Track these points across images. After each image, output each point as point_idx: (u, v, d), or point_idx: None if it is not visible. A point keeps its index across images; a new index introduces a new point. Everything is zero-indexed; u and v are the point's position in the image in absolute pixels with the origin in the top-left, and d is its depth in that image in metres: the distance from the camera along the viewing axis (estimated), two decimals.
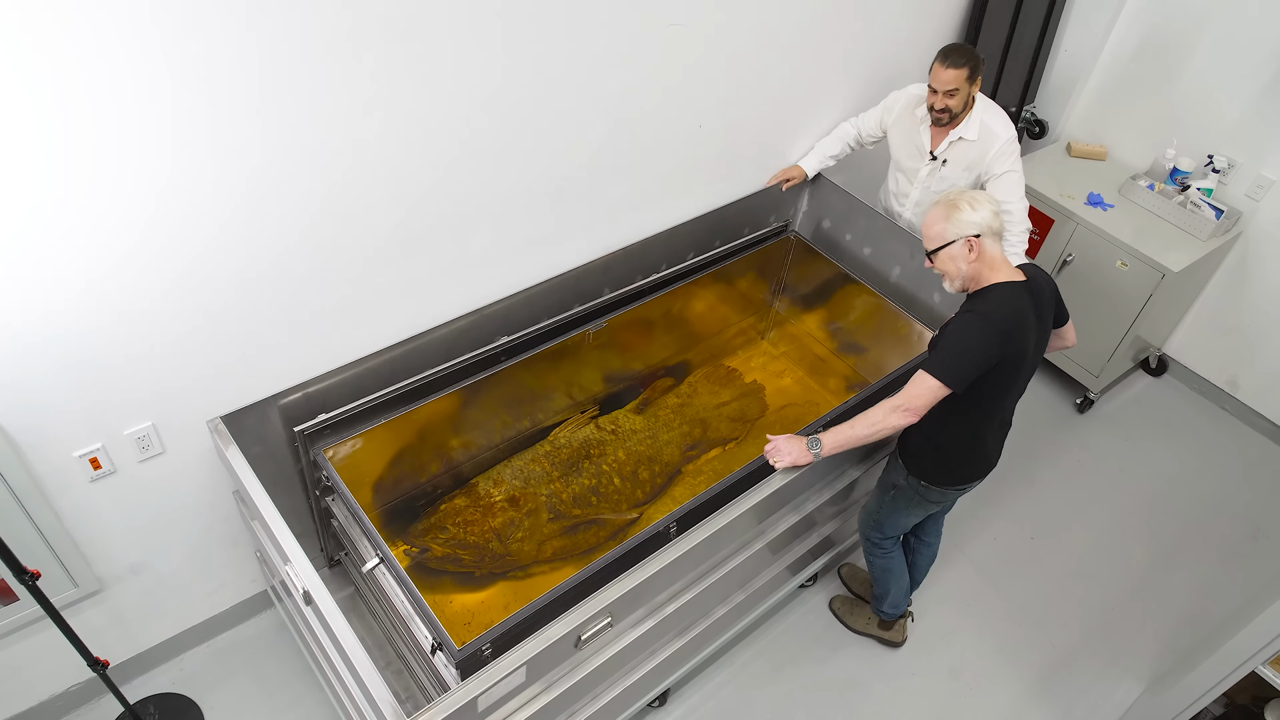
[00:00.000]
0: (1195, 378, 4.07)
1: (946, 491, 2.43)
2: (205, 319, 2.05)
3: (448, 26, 2.00)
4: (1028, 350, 2.16)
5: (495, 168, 2.34)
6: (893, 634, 2.94)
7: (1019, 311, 2.10)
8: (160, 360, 2.05)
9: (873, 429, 2.15)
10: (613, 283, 2.88)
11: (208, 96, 1.74)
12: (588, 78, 2.37)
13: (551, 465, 2.84)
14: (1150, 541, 3.43)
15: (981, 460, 2.40)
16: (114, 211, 1.77)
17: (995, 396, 2.20)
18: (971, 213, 2.10)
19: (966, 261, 2.12)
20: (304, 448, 2.34)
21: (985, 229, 2.10)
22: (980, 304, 2.11)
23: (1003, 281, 2.12)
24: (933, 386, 2.07)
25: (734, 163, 3.01)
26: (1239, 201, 3.61)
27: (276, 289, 2.13)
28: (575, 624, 1.89)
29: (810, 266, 3.32)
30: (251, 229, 1.99)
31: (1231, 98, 3.50)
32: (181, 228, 1.88)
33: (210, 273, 1.99)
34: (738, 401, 3.26)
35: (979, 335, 2.06)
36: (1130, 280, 3.51)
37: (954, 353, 2.07)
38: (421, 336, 2.46)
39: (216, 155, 1.83)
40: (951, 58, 2.65)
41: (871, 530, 2.68)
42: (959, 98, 2.71)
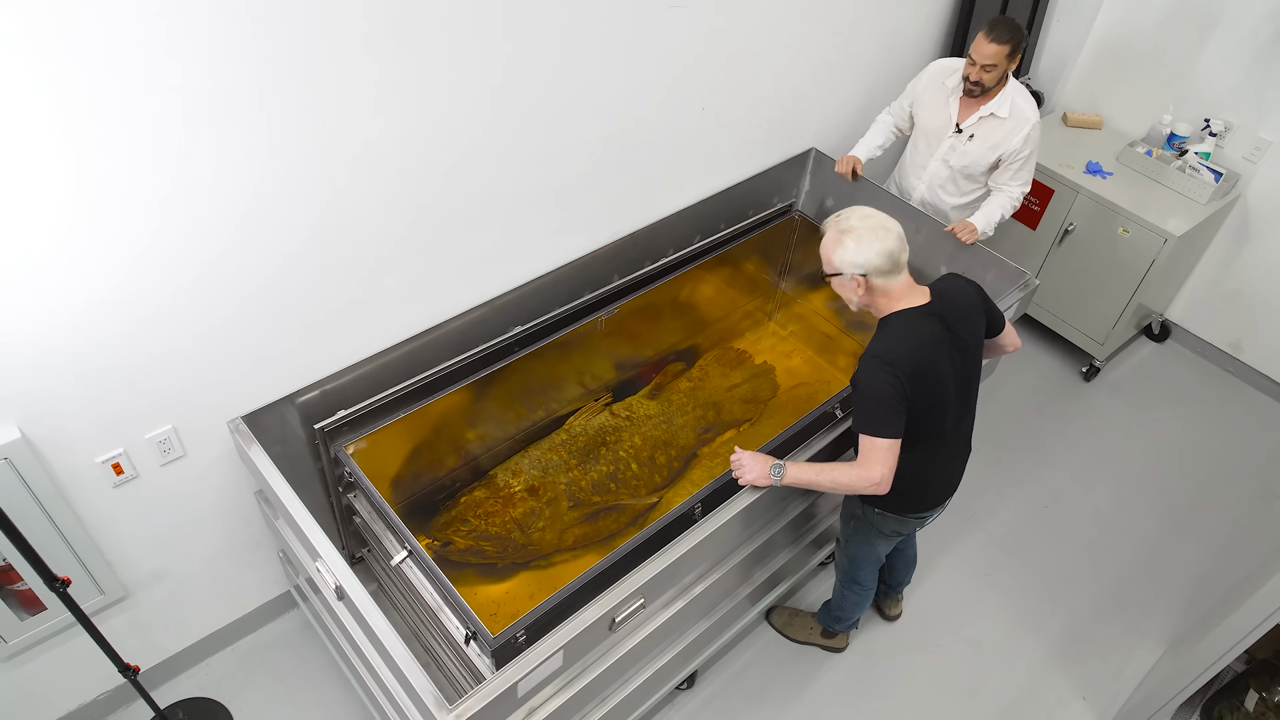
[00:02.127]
0: (1199, 342, 4.09)
1: (905, 520, 2.34)
2: (221, 320, 2.04)
3: (450, 25, 1.99)
4: (943, 373, 2.07)
5: (504, 159, 2.33)
6: (835, 642, 2.87)
7: (921, 336, 2.03)
8: (178, 363, 2.04)
9: (835, 486, 2.07)
10: (622, 269, 2.88)
11: (217, 100, 1.73)
12: (591, 67, 2.36)
13: (569, 454, 2.84)
14: (1162, 506, 3.46)
15: (938, 488, 2.31)
16: (128, 217, 1.75)
17: (931, 425, 2.11)
18: (855, 252, 2.00)
19: (856, 294, 2.08)
20: (324, 445, 2.33)
21: (872, 270, 2.00)
22: (877, 342, 2.07)
23: (902, 310, 2.05)
24: (883, 447, 1.99)
25: (736, 145, 3.01)
26: (1237, 164, 3.63)
27: (291, 288, 2.12)
28: (610, 606, 1.90)
29: (815, 245, 3.30)
30: (264, 229, 1.98)
31: (1226, 61, 3.52)
32: (195, 231, 1.87)
33: (225, 274, 1.98)
34: (749, 383, 3.26)
35: (883, 380, 1.98)
36: (1132, 247, 3.53)
37: (873, 407, 2.00)
38: (436, 330, 2.46)
39: (227, 157, 1.81)
40: (996, 31, 2.64)
41: (845, 562, 2.58)
42: (995, 73, 2.71)
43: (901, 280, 2.06)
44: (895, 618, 2.99)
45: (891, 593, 2.93)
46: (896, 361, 1.99)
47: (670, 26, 2.47)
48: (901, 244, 2.03)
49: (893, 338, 2.05)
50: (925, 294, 2.08)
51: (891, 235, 2.01)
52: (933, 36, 3.46)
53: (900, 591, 2.95)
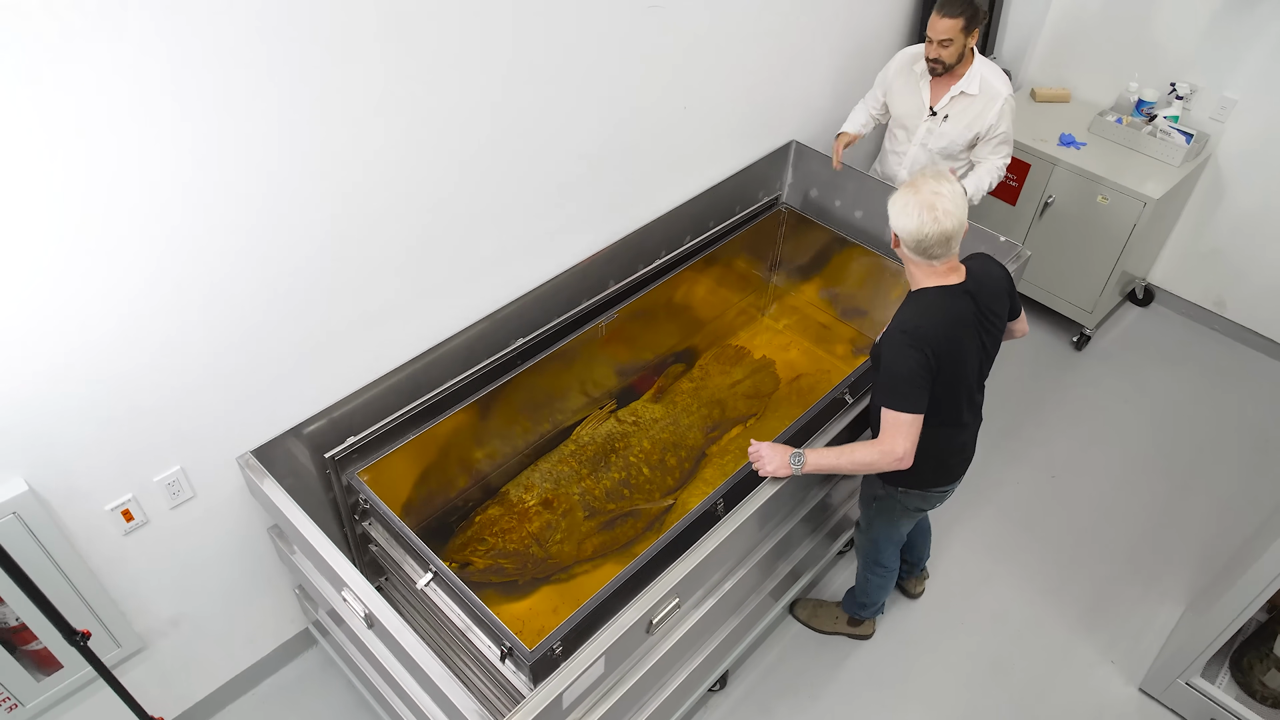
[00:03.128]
0: (1182, 303, 4.15)
1: (928, 495, 2.35)
2: (225, 354, 2.00)
3: (446, 43, 1.98)
4: (964, 353, 2.09)
5: (501, 173, 2.32)
6: (862, 629, 2.87)
7: (950, 314, 2.04)
8: (184, 402, 1.99)
9: (856, 467, 2.10)
10: (617, 274, 2.87)
11: (223, 135, 1.70)
12: (580, 73, 2.36)
13: (579, 463, 2.81)
14: (1166, 466, 3.49)
15: (959, 461, 2.33)
16: (126, 256, 1.71)
17: (948, 400, 2.13)
18: (894, 213, 2.01)
19: (893, 242, 2.07)
20: (335, 474, 2.29)
21: (903, 238, 2.01)
22: (904, 315, 2.07)
23: (936, 286, 2.06)
24: (907, 421, 2.01)
25: (719, 142, 3.02)
26: (1205, 125, 3.69)
27: (294, 316, 2.08)
28: (647, 607, 1.88)
29: (804, 237, 3.33)
30: (262, 259, 1.94)
31: (1184, 24, 3.58)
32: (194, 266, 1.83)
33: (226, 307, 1.94)
34: (751, 378, 3.26)
35: (909, 356, 2.00)
36: (1113, 213, 3.57)
37: (897, 383, 2.02)
38: (439, 348, 2.43)
39: (223, 190, 1.78)
40: (946, 7, 2.68)
41: (867, 548, 2.59)
42: (953, 49, 2.74)
43: (935, 264, 2.03)
44: (919, 595, 2.99)
45: (914, 571, 2.94)
46: (924, 338, 1.99)
47: (650, 28, 2.48)
48: (942, 243, 1.97)
49: (921, 313, 2.04)
50: (962, 274, 2.08)
51: (934, 227, 1.94)
52: (897, 26, 3.50)
53: (923, 567, 2.95)
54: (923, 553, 2.88)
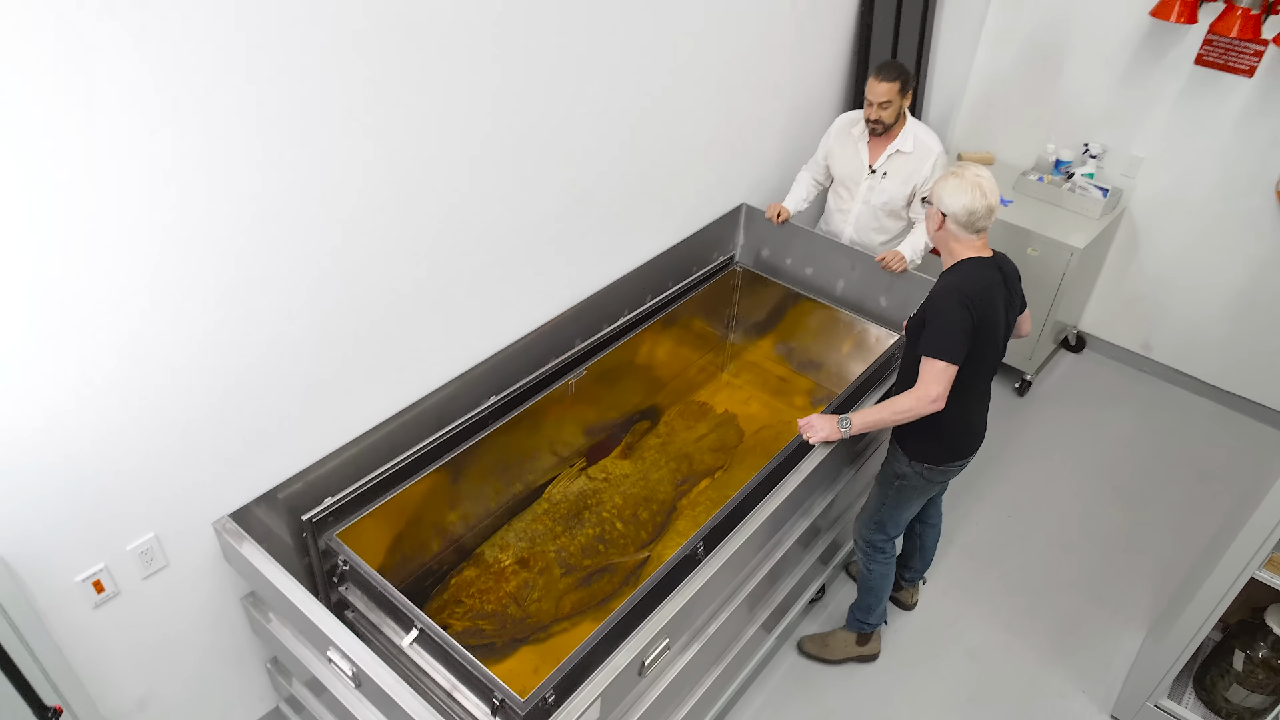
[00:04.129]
0: (1112, 348, 4.39)
1: (948, 469, 2.53)
2: (201, 419, 1.99)
3: (425, 115, 2.07)
4: (998, 319, 2.32)
5: (474, 236, 2.40)
6: (869, 648, 2.95)
7: (987, 280, 2.29)
8: (159, 467, 1.97)
9: (898, 416, 2.29)
10: (583, 332, 2.94)
11: (188, 201, 1.74)
12: (551, 142, 2.49)
13: (553, 521, 2.82)
14: (1114, 500, 3.64)
15: (977, 432, 2.53)
16: (101, 322, 1.72)
17: (978, 365, 2.35)
18: (946, 192, 2.27)
19: (933, 227, 2.34)
20: (313, 537, 2.26)
21: (950, 216, 2.28)
22: (951, 277, 2.31)
23: (973, 257, 2.31)
24: (942, 369, 2.22)
25: (675, 205, 3.15)
26: (1118, 181, 3.99)
27: (267, 379, 2.09)
28: (639, 648, 1.89)
29: (758, 294, 3.46)
30: (238, 324, 1.96)
31: (1094, 91, 3.90)
32: (169, 331, 1.84)
33: (201, 372, 1.94)
34: (715, 432, 3.33)
35: (956, 306, 2.23)
36: (1043, 264, 3.80)
37: (944, 330, 2.23)
38: (413, 408, 2.45)
39: (199, 256, 1.81)
40: (884, 72, 2.91)
41: (874, 533, 2.71)
42: (891, 109, 2.95)
43: (975, 239, 2.32)
44: (914, 606, 3.12)
45: (917, 578, 3.06)
46: (973, 296, 2.24)
47: (610, 101, 2.62)
48: (988, 214, 2.28)
49: (966, 277, 2.29)
50: (990, 252, 2.36)
51: (983, 201, 2.25)
52: (834, 96, 3.74)
53: (924, 575, 3.08)
54: (930, 556, 3.00)
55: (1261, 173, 3.61)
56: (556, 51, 2.37)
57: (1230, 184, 3.71)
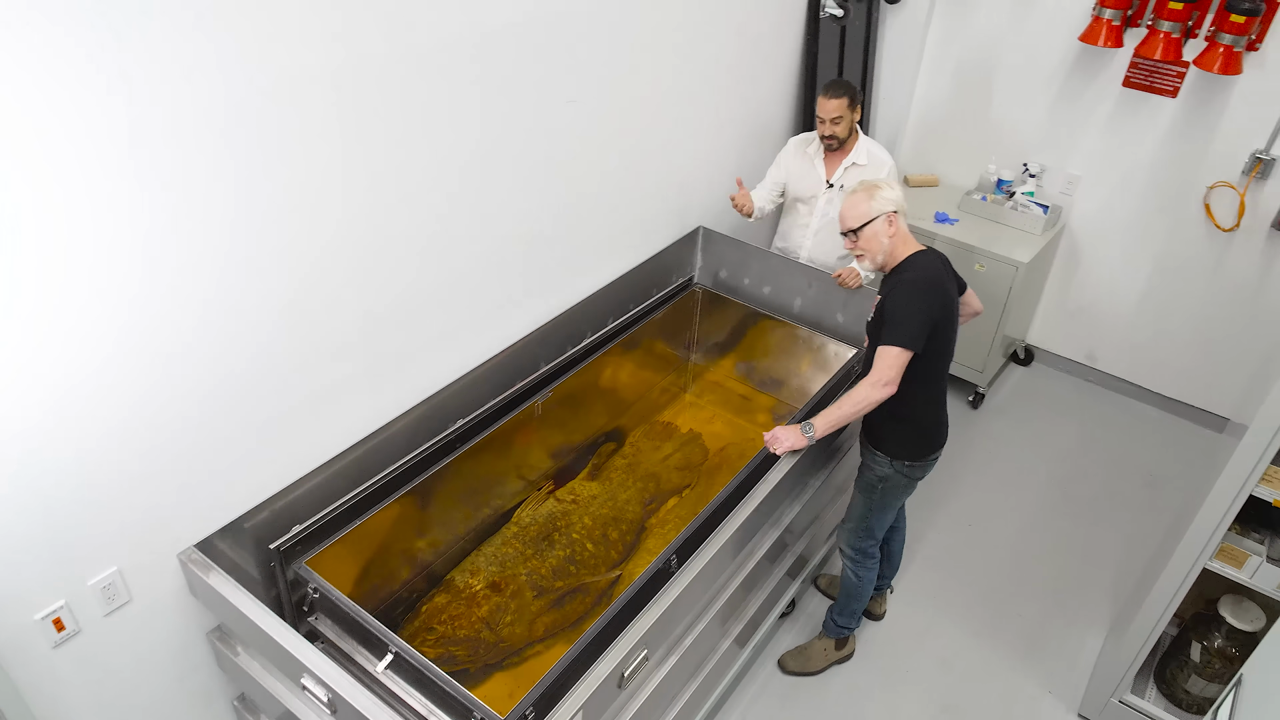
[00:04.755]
0: (1059, 359, 4.53)
1: (927, 463, 2.60)
2: (163, 447, 1.96)
3: (397, 142, 2.10)
4: (954, 308, 2.43)
5: (440, 259, 2.43)
6: (847, 649, 3.02)
7: (938, 266, 2.42)
8: (120, 498, 1.92)
9: (857, 406, 2.34)
10: (548, 354, 2.95)
11: (159, 236, 1.74)
12: (515, 168, 2.53)
13: (523, 544, 2.81)
14: (1069, 506, 3.74)
15: (945, 422, 2.62)
16: (64, 349, 1.70)
17: (941, 354, 2.44)
18: (890, 191, 2.41)
19: (888, 236, 2.40)
20: (281, 566, 2.22)
21: (899, 207, 2.41)
22: (907, 271, 2.40)
23: (916, 250, 2.42)
24: (896, 354, 2.29)
25: (635, 228, 3.20)
26: (1057, 198, 4.15)
27: (232, 406, 2.07)
28: (618, 660, 1.89)
29: (718, 314, 3.52)
30: (202, 351, 1.94)
31: (1030, 113, 4.07)
32: (131, 359, 1.82)
33: (163, 399, 1.91)
34: (680, 451, 3.35)
35: (920, 296, 2.33)
36: (990, 279, 3.92)
37: (904, 318, 2.31)
38: (381, 432, 2.43)
39: (166, 286, 1.80)
40: (832, 89, 3.02)
41: (864, 540, 2.75)
42: (844, 124, 3.06)
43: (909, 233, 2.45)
44: (883, 615, 3.17)
45: (884, 586, 3.10)
46: (933, 284, 2.35)
47: (572, 128, 2.68)
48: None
49: (922, 268, 2.39)
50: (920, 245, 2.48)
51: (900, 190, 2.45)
52: (784, 120, 3.85)
53: (890, 584, 3.14)
54: (897, 562, 3.05)
55: (1189, 186, 3.80)
56: (516, 79, 2.42)
57: (1161, 198, 3.89)
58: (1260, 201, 3.67)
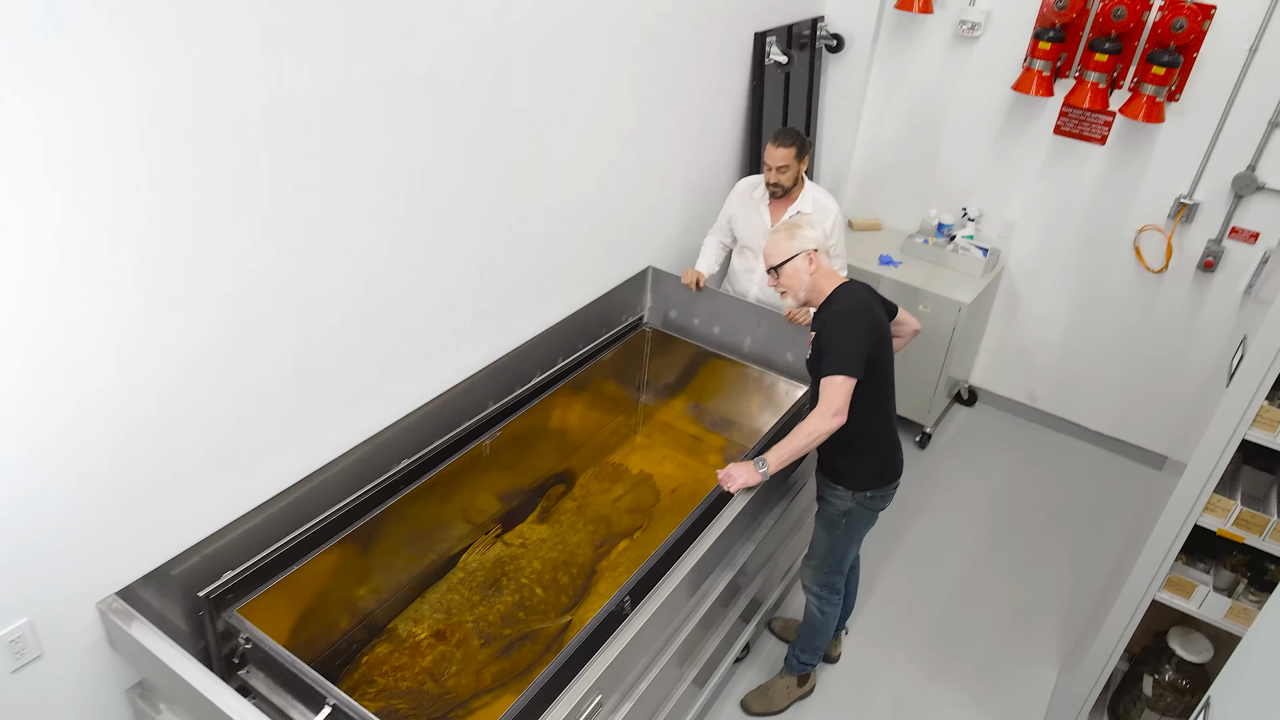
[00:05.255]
0: (1001, 399, 4.61)
1: (886, 492, 2.59)
2: (82, 488, 1.84)
3: (333, 167, 2.04)
4: (886, 332, 2.48)
5: (382, 296, 2.35)
6: (807, 687, 2.99)
7: (865, 297, 2.47)
8: (34, 542, 1.79)
9: (809, 438, 2.32)
10: (496, 393, 2.89)
11: (79, 263, 1.66)
12: (461, 204, 2.49)
13: (470, 590, 2.70)
14: (1016, 542, 3.76)
15: (899, 449, 2.62)
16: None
17: (883, 379, 2.47)
18: (810, 231, 2.51)
19: (808, 273, 2.47)
20: (210, 615, 2.09)
21: (820, 246, 2.49)
22: (835, 303, 2.44)
23: (840, 283, 2.49)
24: (840, 383, 2.30)
25: (584, 268, 3.17)
26: (995, 242, 4.26)
27: (161, 444, 1.95)
28: (570, 707, 1.81)
29: (668, 354, 3.50)
30: (127, 384, 1.84)
31: (968, 159, 4.20)
32: (47, 393, 1.71)
33: (83, 436, 1.80)
34: (631, 493, 3.29)
35: (852, 322, 2.37)
36: (934, 320, 3.99)
37: (842, 348, 2.33)
38: (320, 474, 2.33)
39: (88, 316, 1.71)
40: (781, 138, 3.06)
41: (832, 575, 2.73)
42: (790, 173, 3.09)
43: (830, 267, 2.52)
44: (838, 658, 3.13)
45: (839, 626, 3.05)
46: (862, 311, 2.40)
47: (521, 169, 2.66)
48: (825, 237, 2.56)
49: (847, 299, 2.44)
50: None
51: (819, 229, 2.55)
52: (731, 163, 3.89)
53: (845, 625, 3.11)
54: (852, 602, 3.01)
55: (1120, 229, 3.93)
56: (462, 121, 2.39)
57: (1093, 241, 4.02)
58: (1186, 244, 3.82)
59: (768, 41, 3.70)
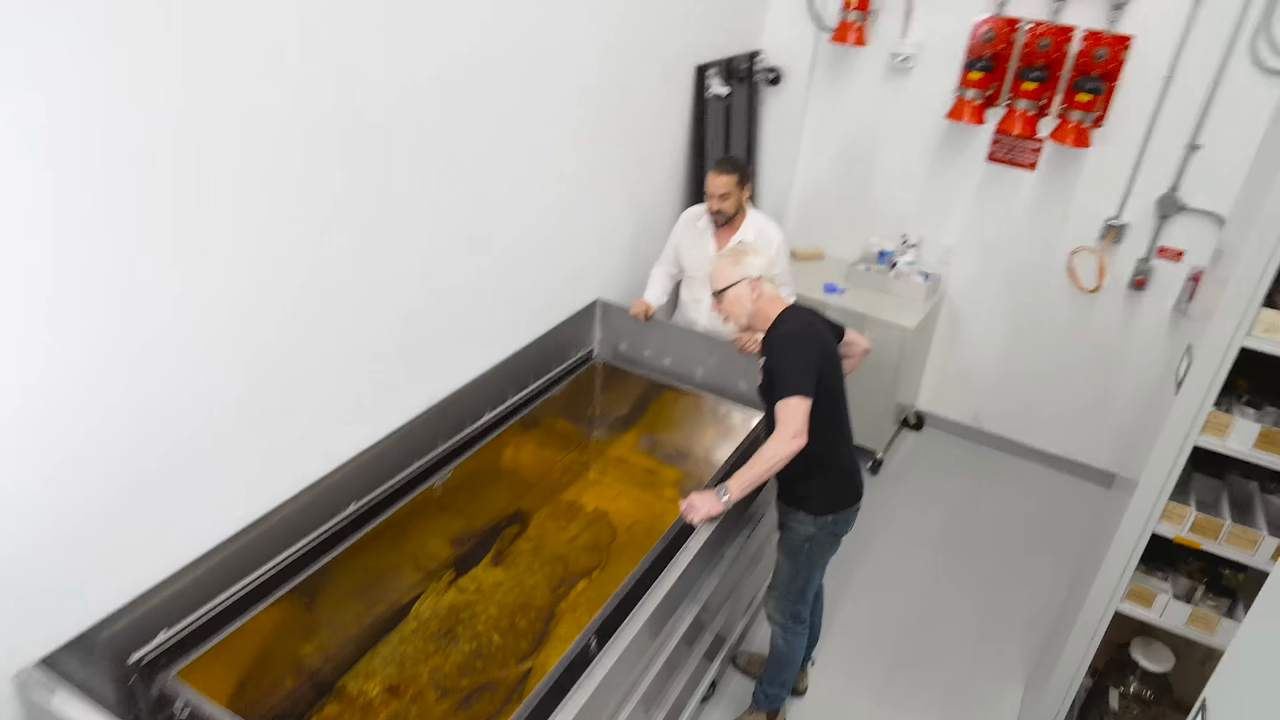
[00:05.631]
0: (948, 423, 4.66)
1: (848, 515, 2.56)
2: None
3: (264, 207, 1.95)
4: (834, 351, 2.49)
5: (320, 332, 2.25)
6: (781, 718, 2.94)
7: (810, 318, 2.49)
8: None
9: (770, 463, 2.28)
10: (444, 433, 2.79)
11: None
12: (400, 238, 2.40)
13: (424, 640, 2.58)
14: (971, 563, 3.77)
15: (858, 469, 2.61)
16: None
17: (834, 399, 2.46)
18: (754, 258, 2.50)
19: (750, 300, 2.47)
20: (143, 681, 1.93)
21: (763, 274, 2.49)
22: (779, 327, 2.43)
23: (786, 308, 2.48)
24: (796, 403, 2.27)
25: (530, 302, 3.11)
26: (934, 267, 4.34)
27: (83, 492, 1.81)
28: None
29: (620, 386, 3.44)
30: (45, 428, 1.71)
31: (906, 187, 4.28)
32: None
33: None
34: (587, 531, 3.20)
35: (798, 344, 2.36)
36: (880, 345, 4.01)
37: (790, 369, 2.31)
38: (262, 522, 2.19)
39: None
40: (721, 166, 3.06)
41: (796, 604, 2.68)
42: (731, 201, 3.08)
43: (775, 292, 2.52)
44: (805, 691, 3.06)
45: (806, 656, 2.99)
46: (808, 333, 2.39)
47: (463, 201, 2.59)
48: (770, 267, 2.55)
49: (791, 322, 2.42)
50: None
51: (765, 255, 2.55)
52: (675, 194, 3.89)
53: (811, 656, 3.05)
54: (817, 633, 2.95)
55: (1053, 252, 4.04)
56: (405, 154, 2.33)
57: (1028, 264, 4.12)
58: (1116, 264, 3.94)
59: (708, 74, 3.73)
